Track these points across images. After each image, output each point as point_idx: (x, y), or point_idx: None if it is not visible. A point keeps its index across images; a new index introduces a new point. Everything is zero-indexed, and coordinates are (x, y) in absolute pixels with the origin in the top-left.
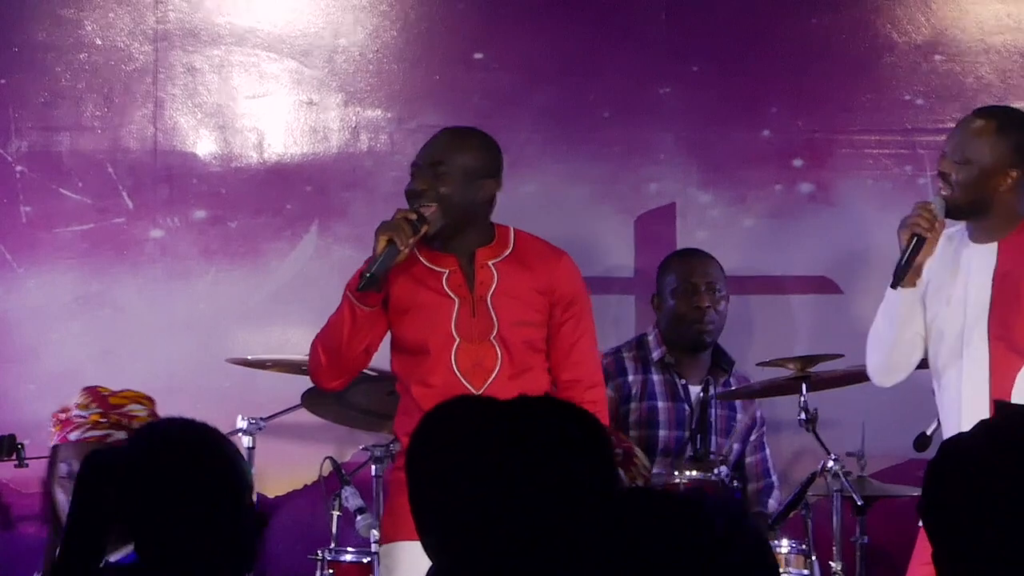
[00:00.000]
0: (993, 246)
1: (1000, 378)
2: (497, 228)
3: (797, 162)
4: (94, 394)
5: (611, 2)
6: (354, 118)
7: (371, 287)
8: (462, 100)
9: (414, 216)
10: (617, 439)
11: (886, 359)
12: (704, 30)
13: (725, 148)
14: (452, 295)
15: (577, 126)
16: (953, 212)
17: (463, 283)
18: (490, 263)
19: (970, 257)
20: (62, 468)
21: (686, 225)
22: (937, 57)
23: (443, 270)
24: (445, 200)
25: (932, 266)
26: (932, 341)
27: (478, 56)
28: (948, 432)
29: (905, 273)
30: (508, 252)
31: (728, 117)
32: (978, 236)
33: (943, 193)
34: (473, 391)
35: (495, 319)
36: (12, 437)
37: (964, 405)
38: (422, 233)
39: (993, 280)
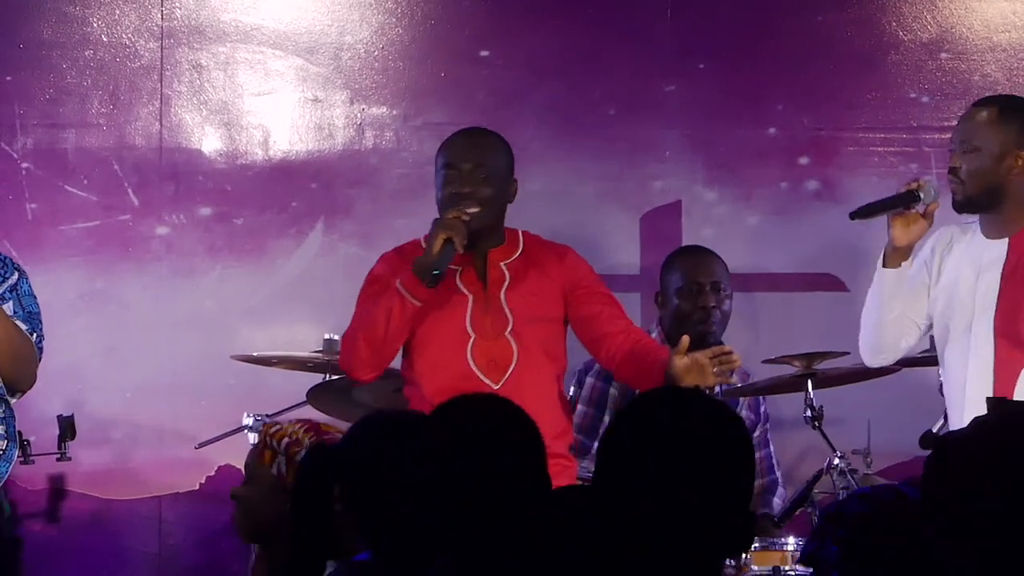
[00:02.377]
0: (1004, 242)
1: (1004, 375)
2: (506, 231)
3: (803, 159)
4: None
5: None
6: (360, 115)
7: (437, 283)
8: (468, 97)
9: (467, 218)
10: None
11: (872, 338)
12: (709, 27)
13: (730, 145)
14: (465, 291)
15: (582, 123)
16: (967, 206)
17: (476, 279)
18: (502, 264)
19: (981, 252)
20: None
21: (691, 222)
22: (943, 55)
23: (456, 267)
24: (487, 203)
25: (945, 259)
26: (940, 335)
27: (484, 53)
28: (953, 428)
29: (869, 212)
30: (518, 254)
31: (734, 114)
32: (990, 231)
33: (953, 189)
34: (492, 386)
35: (509, 315)
36: (18, 434)
37: (968, 402)
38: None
39: (1001, 276)
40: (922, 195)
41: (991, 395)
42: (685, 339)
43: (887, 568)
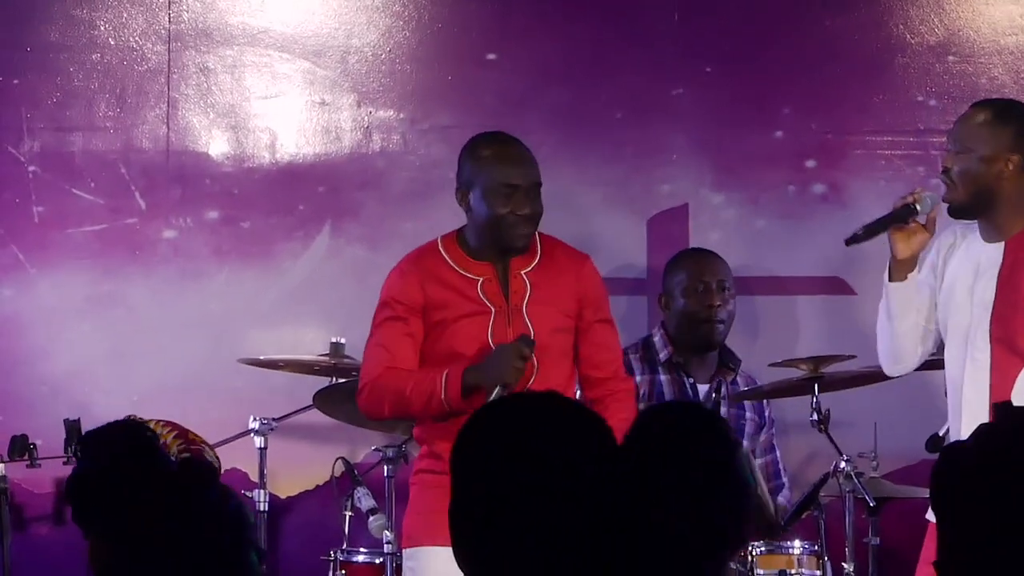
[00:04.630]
0: (1000, 245)
1: (1000, 380)
2: None
3: (810, 163)
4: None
5: (623, 3)
6: (367, 118)
7: None
8: (475, 101)
9: (528, 352)
10: None
11: (888, 349)
12: (716, 31)
13: (738, 149)
14: (489, 304)
15: (589, 127)
16: (959, 211)
17: (498, 292)
18: (522, 273)
19: (979, 255)
20: None
21: (699, 226)
22: (950, 58)
23: (477, 278)
24: (538, 222)
25: (948, 263)
26: (946, 341)
27: (491, 57)
28: (953, 432)
29: (869, 234)
30: (538, 260)
31: (741, 118)
32: (988, 235)
33: (945, 192)
34: None
35: (531, 327)
36: (24, 437)
37: (965, 407)
38: None
39: (998, 280)
40: (919, 207)
41: (987, 400)
42: None
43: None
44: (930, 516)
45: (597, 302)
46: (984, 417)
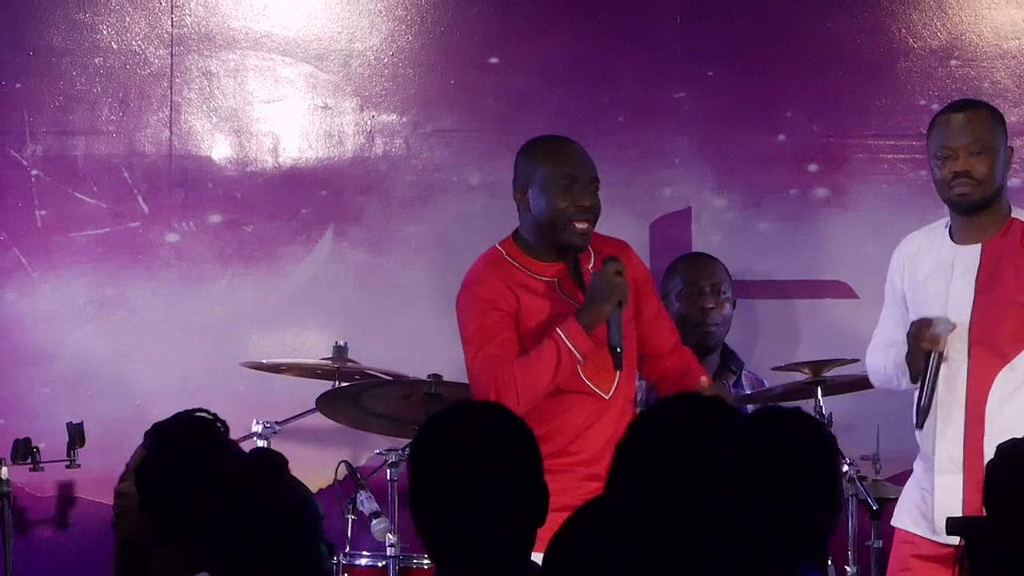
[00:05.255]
0: (976, 248)
1: (977, 381)
2: None
3: (812, 166)
4: None
5: (626, 6)
6: (369, 122)
7: (621, 363)
8: (477, 104)
9: (619, 265)
10: None
11: (883, 383)
12: (719, 34)
13: (740, 152)
14: (571, 301)
15: (592, 130)
16: (972, 209)
17: (575, 288)
18: (589, 267)
19: (952, 258)
20: None
21: (701, 229)
22: (953, 62)
23: (552, 278)
24: (598, 215)
25: (916, 269)
26: None
27: (493, 60)
28: (926, 435)
29: (928, 408)
30: (594, 255)
31: (743, 121)
32: (962, 236)
33: (966, 192)
34: (603, 396)
35: None
36: (27, 441)
37: (940, 407)
38: None
39: (976, 283)
40: (943, 349)
41: (963, 400)
42: (704, 381)
43: None
44: (895, 522)
45: (647, 281)
46: (959, 418)
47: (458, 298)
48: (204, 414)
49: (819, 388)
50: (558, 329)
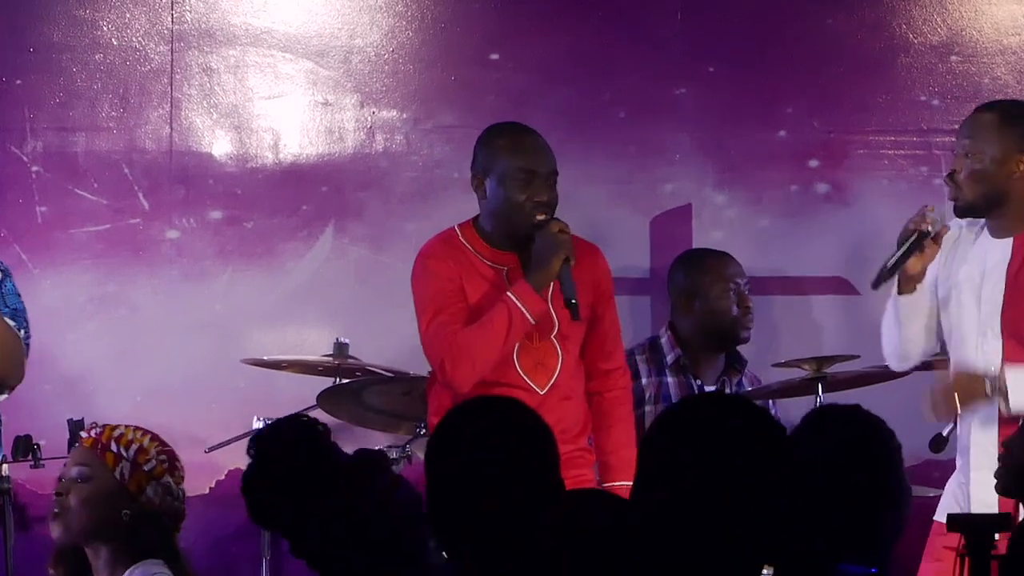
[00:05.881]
0: (1008, 241)
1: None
2: None
3: (813, 162)
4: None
5: (626, 3)
6: (370, 118)
7: (579, 313)
8: (478, 100)
9: (562, 224)
10: None
11: (896, 350)
12: (720, 30)
13: (741, 148)
14: None
15: (592, 127)
16: (966, 211)
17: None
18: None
19: (986, 251)
20: None
21: (701, 225)
22: (953, 58)
23: (502, 266)
24: (555, 208)
25: (950, 258)
26: (948, 335)
27: (494, 56)
28: (962, 428)
29: (892, 273)
30: None
31: (744, 117)
32: (996, 231)
33: (950, 192)
34: (538, 391)
35: (555, 317)
36: (28, 438)
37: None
38: None
39: (1007, 276)
40: (930, 228)
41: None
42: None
43: None
44: (938, 516)
45: (608, 293)
46: (993, 413)
47: (413, 269)
48: (305, 418)
49: (820, 385)
50: (508, 292)
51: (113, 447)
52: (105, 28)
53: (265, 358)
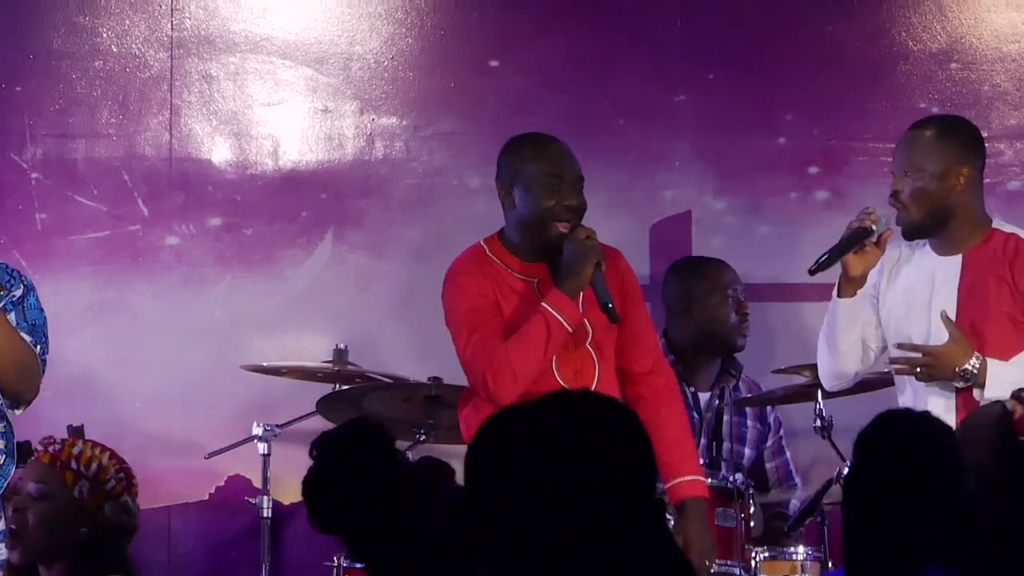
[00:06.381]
0: (958, 258)
1: (968, 391)
2: None
3: (813, 169)
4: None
5: (626, 9)
6: (369, 125)
7: (616, 317)
8: (477, 107)
9: (589, 230)
10: None
11: (829, 365)
12: (719, 37)
13: (740, 155)
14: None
15: (592, 133)
16: (914, 232)
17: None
18: None
19: (935, 267)
20: None
21: (701, 232)
22: (953, 65)
23: (532, 279)
24: (583, 214)
25: (894, 276)
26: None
27: (493, 63)
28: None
29: (829, 262)
30: None
31: (743, 124)
32: (942, 248)
33: (897, 215)
34: None
35: (589, 325)
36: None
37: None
38: None
39: (959, 293)
40: (874, 227)
41: (954, 413)
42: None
43: None
44: None
45: (635, 290)
46: (952, 404)
47: (443, 289)
48: (372, 422)
49: (819, 391)
50: (543, 303)
51: (73, 465)
52: (105, 35)
53: (265, 364)
